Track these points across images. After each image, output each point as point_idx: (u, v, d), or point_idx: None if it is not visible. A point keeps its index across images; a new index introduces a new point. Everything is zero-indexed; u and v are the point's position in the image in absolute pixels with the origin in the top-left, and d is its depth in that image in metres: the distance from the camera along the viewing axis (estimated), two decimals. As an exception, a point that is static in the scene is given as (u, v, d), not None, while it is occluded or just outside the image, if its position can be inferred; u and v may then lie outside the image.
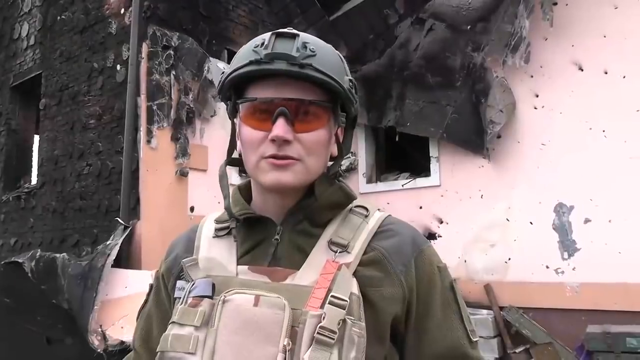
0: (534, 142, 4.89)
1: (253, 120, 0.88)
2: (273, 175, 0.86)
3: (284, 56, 0.83)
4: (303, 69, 0.83)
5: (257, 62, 0.84)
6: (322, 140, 0.89)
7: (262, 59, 0.84)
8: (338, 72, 0.88)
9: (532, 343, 4.54)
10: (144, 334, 1.02)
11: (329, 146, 0.92)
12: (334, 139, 0.93)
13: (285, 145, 0.85)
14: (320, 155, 0.90)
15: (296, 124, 0.86)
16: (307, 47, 0.84)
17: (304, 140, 0.87)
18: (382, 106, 5.65)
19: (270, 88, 0.86)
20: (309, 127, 0.87)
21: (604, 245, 4.43)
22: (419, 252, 0.91)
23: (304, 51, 0.84)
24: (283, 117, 0.85)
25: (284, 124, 0.84)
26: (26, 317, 4.79)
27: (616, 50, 4.52)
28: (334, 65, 0.88)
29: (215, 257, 0.92)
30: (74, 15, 5.95)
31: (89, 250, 5.10)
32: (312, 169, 0.89)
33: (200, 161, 5.38)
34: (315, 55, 0.84)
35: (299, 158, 0.86)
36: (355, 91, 0.92)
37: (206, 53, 5.55)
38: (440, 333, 0.89)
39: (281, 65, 0.83)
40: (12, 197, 6.46)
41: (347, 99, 0.89)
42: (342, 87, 0.87)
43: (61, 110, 5.94)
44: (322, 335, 0.75)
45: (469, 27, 5.05)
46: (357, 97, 0.93)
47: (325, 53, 0.88)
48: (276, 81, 0.86)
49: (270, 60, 0.83)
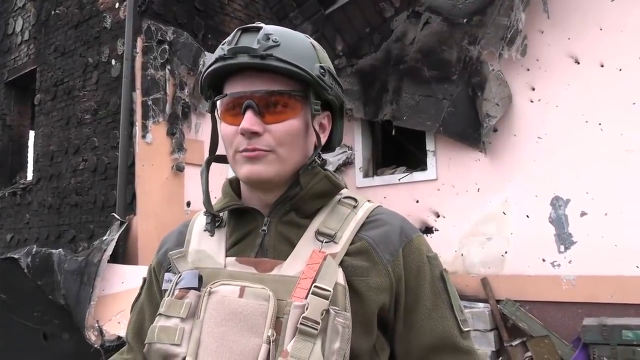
0: (530, 135, 4.89)
1: (227, 116, 0.90)
2: (246, 168, 0.88)
3: (245, 49, 0.84)
4: (264, 60, 0.84)
5: (222, 58, 0.86)
6: (294, 130, 0.89)
7: (226, 54, 0.86)
8: (306, 59, 0.87)
9: (528, 336, 4.56)
10: (136, 327, 1.03)
11: (305, 135, 0.91)
12: (311, 128, 0.92)
13: (254, 138, 0.86)
14: (293, 145, 0.89)
15: (266, 116, 0.87)
16: (270, 38, 0.85)
17: (274, 130, 0.87)
18: (379, 100, 5.65)
19: (239, 83, 0.88)
20: (279, 117, 0.87)
21: (600, 238, 4.45)
22: (407, 242, 0.91)
23: (265, 42, 0.84)
24: (251, 110, 0.86)
25: (251, 117, 0.85)
26: (22, 313, 4.78)
27: (612, 43, 4.52)
28: (301, 53, 0.87)
29: (204, 250, 0.93)
30: (69, 9, 5.91)
31: (85, 246, 5.09)
32: (286, 159, 0.89)
33: (196, 156, 5.37)
34: (279, 45, 0.85)
35: (270, 149, 0.87)
36: (331, 78, 0.91)
37: (201, 47, 5.52)
38: (429, 323, 0.89)
39: (243, 58, 0.84)
40: (8, 192, 6.44)
41: (318, 86, 0.88)
42: (310, 75, 0.86)
43: (56, 106, 5.91)
44: (305, 325, 0.75)
45: (465, 21, 5.04)
46: (333, 84, 0.92)
47: (292, 42, 0.88)
48: (244, 75, 0.88)
49: (233, 55, 0.85)
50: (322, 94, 0.90)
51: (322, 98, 0.91)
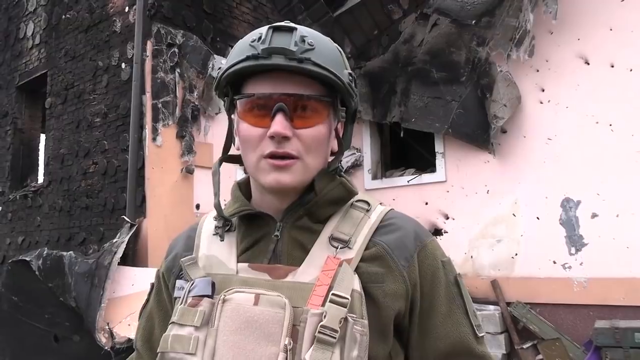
0: (540, 136, 4.86)
1: (251, 117, 0.86)
2: (273, 176, 0.84)
3: (282, 50, 0.81)
4: (302, 63, 0.81)
5: (255, 57, 0.82)
6: (321, 136, 0.87)
7: (259, 54, 0.81)
8: (337, 65, 0.85)
9: (539, 339, 4.52)
10: (145, 333, 1.01)
11: (328, 142, 0.90)
12: (333, 134, 0.91)
13: (284, 142, 0.83)
14: (319, 152, 0.88)
15: (295, 120, 0.84)
16: (306, 40, 0.82)
17: (303, 136, 0.85)
18: (387, 102, 5.64)
19: (267, 83, 0.84)
20: (308, 122, 0.85)
21: (612, 240, 4.41)
22: (422, 247, 0.90)
23: (302, 45, 0.81)
24: (282, 113, 0.82)
25: (282, 120, 0.82)
26: (34, 315, 4.82)
27: (622, 43, 4.48)
28: (333, 58, 0.85)
29: (215, 255, 0.91)
30: (79, 14, 5.96)
31: (96, 248, 5.13)
32: (311, 167, 0.87)
33: (205, 159, 5.39)
34: (314, 49, 0.82)
35: (298, 155, 0.84)
36: (354, 85, 0.90)
37: (210, 50, 5.55)
38: (445, 329, 0.88)
39: (279, 60, 0.81)
40: (19, 195, 6.50)
41: (346, 93, 0.87)
42: (342, 81, 0.85)
43: (67, 109, 5.96)
44: (324, 334, 0.74)
45: (474, 22, 5.02)
46: (357, 91, 0.91)
47: (324, 47, 0.85)
48: (273, 76, 0.84)
49: (268, 55, 0.81)
50: (349, 100, 0.89)
51: (346, 104, 0.90)
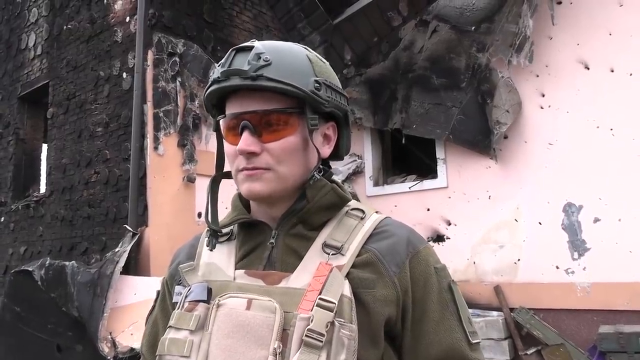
0: (541, 141, 4.86)
1: (229, 136, 0.91)
2: (246, 186, 0.89)
3: (236, 72, 0.86)
4: (255, 80, 0.84)
5: (217, 81, 0.88)
6: (292, 146, 0.89)
7: (219, 77, 0.88)
8: (299, 75, 0.87)
9: (543, 344, 4.50)
10: (150, 339, 1.05)
11: (304, 150, 0.91)
12: (310, 142, 0.91)
13: (253, 157, 0.88)
14: (292, 162, 0.90)
15: (264, 135, 0.88)
16: (261, 57, 0.86)
17: (272, 149, 0.88)
18: (388, 109, 5.65)
19: (237, 103, 0.89)
20: (275, 136, 0.88)
21: (614, 245, 4.40)
22: (414, 253, 0.91)
23: (255, 63, 0.85)
24: (247, 130, 0.87)
25: (247, 137, 0.87)
26: (36, 325, 4.81)
27: (622, 48, 4.50)
28: (294, 69, 0.87)
29: (214, 262, 0.95)
30: (80, 24, 6.00)
31: (98, 258, 5.12)
32: (287, 176, 0.90)
33: (207, 167, 5.39)
34: (270, 64, 0.85)
35: (268, 167, 0.88)
36: (326, 90, 0.90)
37: (211, 59, 5.57)
38: (437, 335, 0.88)
39: (235, 80, 0.86)
40: (21, 205, 6.51)
41: (313, 100, 0.88)
42: (302, 91, 0.86)
43: (68, 119, 5.98)
44: (310, 337, 0.76)
45: (473, 28, 5.04)
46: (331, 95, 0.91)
47: (283, 59, 0.87)
48: (239, 96, 0.89)
49: (226, 77, 0.87)
50: (319, 107, 0.90)
51: (319, 112, 0.90)
